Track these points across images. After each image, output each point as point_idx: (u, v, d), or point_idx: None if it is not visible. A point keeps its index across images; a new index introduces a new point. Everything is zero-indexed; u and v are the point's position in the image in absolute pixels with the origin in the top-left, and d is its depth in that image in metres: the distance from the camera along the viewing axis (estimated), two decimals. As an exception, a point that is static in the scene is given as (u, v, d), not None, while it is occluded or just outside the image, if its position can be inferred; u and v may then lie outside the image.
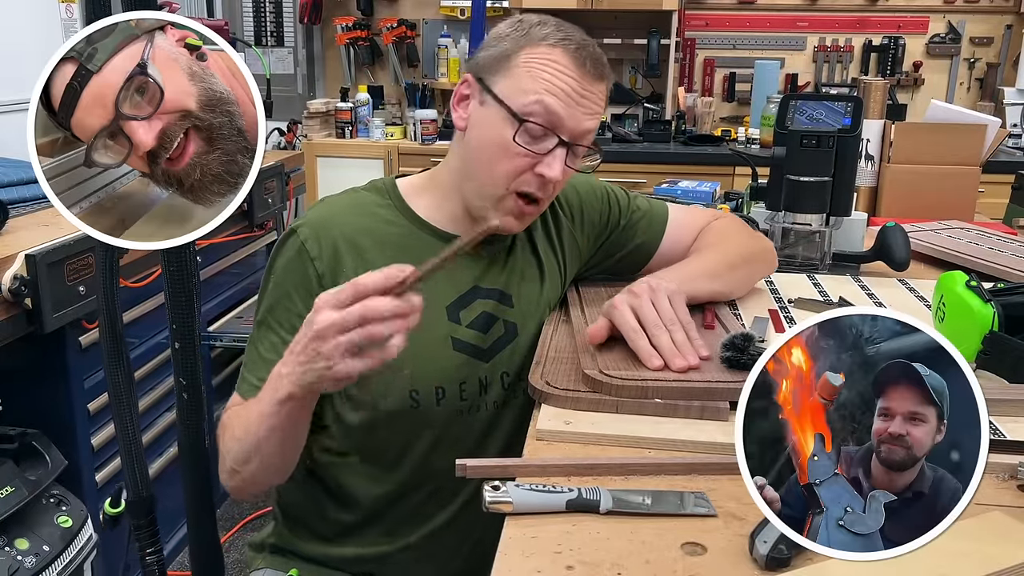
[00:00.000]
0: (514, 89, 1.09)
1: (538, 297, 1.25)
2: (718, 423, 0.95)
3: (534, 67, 1.09)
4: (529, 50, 1.09)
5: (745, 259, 1.34)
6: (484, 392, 1.18)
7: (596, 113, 1.12)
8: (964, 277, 1.09)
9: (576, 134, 1.10)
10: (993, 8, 4.16)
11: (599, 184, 1.36)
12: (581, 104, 1.09)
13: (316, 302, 0.89)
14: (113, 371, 1.16)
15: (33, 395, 1.95)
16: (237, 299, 2.95)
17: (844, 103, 1.56)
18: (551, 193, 1.15)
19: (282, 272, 1.14)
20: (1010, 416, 0.95)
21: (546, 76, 1.08)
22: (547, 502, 0.80)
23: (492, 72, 1.11)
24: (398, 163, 3.82)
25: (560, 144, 1.10)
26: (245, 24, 4.56)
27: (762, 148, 3.75)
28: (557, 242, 1.30)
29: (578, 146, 1.12)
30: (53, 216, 2.13)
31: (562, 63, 1.09)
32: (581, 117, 1.10)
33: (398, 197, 1.21)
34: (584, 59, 1.09)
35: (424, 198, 1.21)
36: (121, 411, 1.17)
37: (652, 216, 1.36)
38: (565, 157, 1.10)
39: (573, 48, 1.09)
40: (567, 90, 1.08)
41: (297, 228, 1.16)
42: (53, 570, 1.72)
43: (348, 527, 1.22)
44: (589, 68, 1.10)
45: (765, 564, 0.71)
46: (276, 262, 1.16)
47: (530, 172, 1.10)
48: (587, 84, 1.10)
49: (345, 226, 1.16)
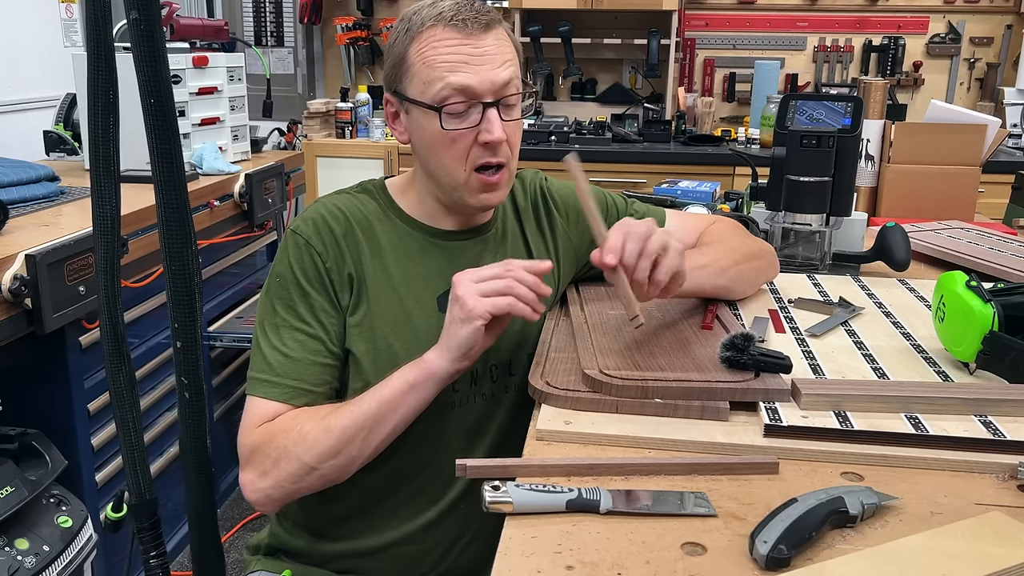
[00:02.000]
0: (421, 86, 1.12)
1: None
2: (718, 423, 0.95)
3: (426, 56, 1.11)
4: (416, 43, 1.12)
5: (748, 258, 1.34)
6: (474, 384, 1.20)
7: (504, 61, 1.13)
8: (964, 277, 1.09)
9: (496, 89, 1.12)
10: (993, 8, 4.16)
11: (597, 189, 1.37)
12: (483, 62, 1.11)
13: (454, 277, 1.04)
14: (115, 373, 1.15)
15: (33, 395, 1.95)
16: (237, 299, 2.95)
17: (844, 103, 1.56)
18: (509, 153, 1.17)
19: (293, 272, 1.17)
20: (1010, 416, 0.96)
21: (438, 58, 1.10)
22: (547, 502, 0.80)
23: (399, 81, 1.15)
24: (398, 163, 3.82)
25: (486, 107, 1.11)
26: (245, 24, 4.56)
27: (762, 148, 3.75)
28: (551, 239, 1.31)
29: (507, 97, 1.13)
30: (53, 216, 2.13)
31: (445, 37, 1.10)
32: (489, 73, 1.11)
33: (387, 196, 1.25)
34: (463, 20, 1.10)
35: (409, 196, 1.25)
36: (123, 413, 1.16)
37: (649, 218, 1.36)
38: (499, 115, 1.12)
39: (449, 17, 1.10)
40: (463, 58, 1.10)
41: (297, 229, 1.19)
42: (53, 570, 1.72)
43: (337, 520, 1.23)
44: (472, 27, 1.10)
45: (765, 564, 0.71)
46: (282, 265, 1.18)
47: (476, 145, 1.13)
48: (478, 40, 1.11)
49: (341, 223, 1.19)
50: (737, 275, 1.31)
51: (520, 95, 1.16)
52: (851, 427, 0.92)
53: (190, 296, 1.10)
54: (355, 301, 1.18)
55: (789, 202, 1.57)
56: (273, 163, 3.07)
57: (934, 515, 0.80)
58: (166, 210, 1.07)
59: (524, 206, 1.31)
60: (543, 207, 1.32)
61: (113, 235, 1.11)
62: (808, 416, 0.94)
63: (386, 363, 1.14)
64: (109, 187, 1.09)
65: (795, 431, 0.92)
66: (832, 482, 0.86)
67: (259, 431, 1.12)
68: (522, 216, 1.31)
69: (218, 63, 2.91)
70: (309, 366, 1.14)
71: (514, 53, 1.16)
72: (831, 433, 0.92)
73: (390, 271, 1.19)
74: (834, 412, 0.96)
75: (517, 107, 1.16)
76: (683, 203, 2.04)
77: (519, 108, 1.17)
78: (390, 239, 1.21)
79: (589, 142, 3.78)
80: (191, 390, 1.15)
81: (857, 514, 0.78)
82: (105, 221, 1.10)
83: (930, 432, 0.92)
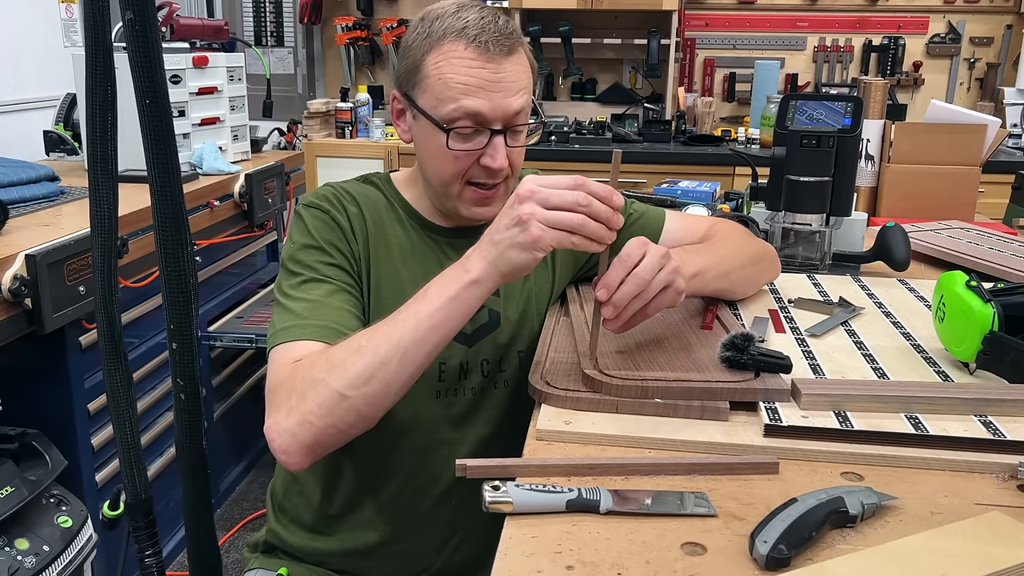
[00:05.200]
0: (433, 100, 1.10)
1: (522, 286, 1.25)
2: (718, 423, 0.95)
3: (444, 71, 1.09)
4: (434, 54, 1.09)
5: (752, 261, 1.34)
6: (463, 377, 1.20)
7: (520, 89, 1.11)
8: (964, 277, 1.09)
9: (507, 118, 1.11)
10: (993, 8, 4.16)
11: None
12: (499, 90, 1.09)
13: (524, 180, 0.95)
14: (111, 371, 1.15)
15: (33, 395, 1.95)
16: (237, 299, 2.95)
17: (844, 103, 1.55)
18: (509, 173, 1.16)
19: (313, 236, 1.14)
20: (1010, 416, 0.96)
21: (456, 78, 1.08)
22: (547, 502, 0.80)
23: (412, 86, 1.13)
24: (398, 163, 3.82)
25: (494, 133, 1.11)
26: (245, 24, 4.56)
27: (762, 148, 3.74)
28: None
29: (516, 126, 1.13)
30: (53, 216, 2.13)
31: (467, 57, 1.08)
32: (503, 101, 1.09)
33: (392, 188, 1.25)
34: (486, 42, 1.08)
35: (413, 189, 1.25)
36: (119, 412, 1.17)
37: (648, 220, 1.36)
38: (505, 141, 1.11)
39: (472, 35, 1.08)
40: (480, 83, 1.08)
41: (309, 203, 1.18)
42: (53, 570, 1.72)
43: (330, 518, 1.23)
44: (494, 50, 1.08)
45: (765, 564, 0.71)
46: (299, 233, 1.15)
47: (476, 165, 1.13)
48: (498, 66, 1.09)
49: (349, 201, 1.19)
50: (740, 279, 1.31)
51: (530, 123, 1.15)
52: (851, 427, 0.92)
53: (186, 298, 1.10)
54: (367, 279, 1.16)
55: (789, 202, 1.57)
56: (273, 163, 3.07)
57: (934, 515, 0.80)
58: (161, 211, 1.07)
59: None
60: None
61: (110, 232, 1.11)
62: (808, 416, 0.94)
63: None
64: (106, 185, 1.09)
65: (795, 431, 0.92)
66: (832, 482, 0.86)
67: (286, 369, 1.01)
68: None
69: (218, 63, 2.91)
70: (338, 311, 1.08)
71: (530, 79, 1.15)
72: (831, 433, 0.92)
73: (400, 273, 1.18)
74: (834, 412, 0.96)
75: (523, 133, 1.16)
76: (683, 203, 2.04)
77: (525, 134, 1.17)
78: (396, 235, 1.21)
79: (589, 142, 3.78)
80: (187, 391, 1.15)
81: (857, 514, 0.78)
82: (102, 218, 1.10)
83: (930, 432, 0.92)
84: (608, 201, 0.93)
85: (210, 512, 1.23)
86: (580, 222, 0.91)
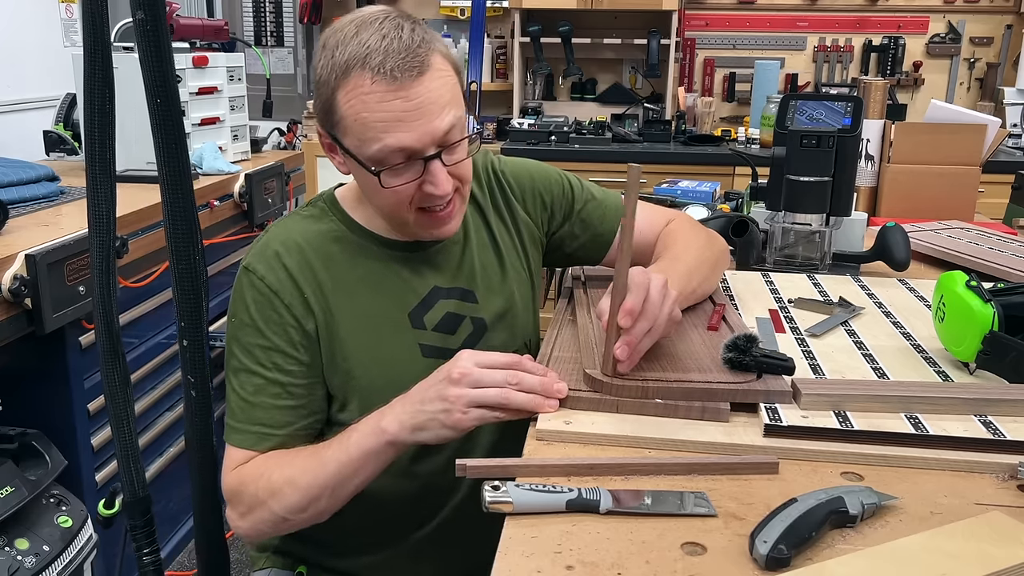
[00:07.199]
0: (356, 141, 1.04)
1: (500, 286, 1.24)
2: (718, 423, 0.95)
3: (356, 111, 1.02)
4: (343, 92, 1.02)
5: (714, 265, 1.31)
6: None
7: (443, 106, 1.03)
8: (964, 277, 1.09)
9: (436, 141, 1.04)
10: (993, 8, 4.16)
11: (553, 169, 1.33)
12: (419, 117, 1.02)
13: (460, 353, 0.98)
14: (109, 370, 1.16)
15: (33, 395, 1.95)
16: (237, 299, 2.95)
17: (844, 103, 1.55)
18: (458, 189, 1.11)
19: (250, 313, 1.12)
20: (1010, 416, 0.96)
21: (372, 117, 1.01)
22: (547, 502, 0.80)
23: (332, 126, 1.07)
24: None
25: (429, 160, 1.05)
26: (245, 24, 4.56)
27: (762, 148, 3.74)
28: (512, 227, 1.28)
29: (450, 145, 1.06)
30: (53, 216, 2.13)
31: (377, 91, 1.00)
32: (428, 127, 1.03)
33: (340, 211, 1.19)
34: (391, 70, 1.00)
35: (365, 208, 1.19)
36: (117, 411, 1.17)
37: (606, 206, 1.32)
38: (443, 163, 1.06)
39: (376, 65, 1.00)
40: (397, 116, 1.01)
41: (249, 266, 1.14)
42: (53, 570, 1.72)
43: (341, 537, 1.22)
44: (402, 76, 1.00)
45: (765, 564, 0.71)
46: (239, 305, 1.13)
47: (420, 192, 1.07)
48: (411, 92, 1.01)
49: (293, 252, 1.14)
50: (707, 290, 1.28)
51: (466, 137, 1.08)
52: (851, 427, 0.92)
53: (196, 294, 1.11)
54: (325, 333, 1.13)
55: (789, 202, 1.57)
56: (273, 163, 3.07)
57: (934, 515, 0.80)
58: (172, 208, 1.07)
59: (483, 199, 1.26)
60: (500, 194, 1.27)
61: (108, 231, 1.11)
62: (808, 416, 0.94)
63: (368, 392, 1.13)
64: (105, 184, 1.09)
65: (795, 431, 0.92)
66: (832, 482, 0.86)
67: (233, 475, 1.11)
68: (484, 210, 1.26)
69: (218, 63, 2.91)
70: (268, 410, 1.11)
71: (454, 88, 1.06)
72: (831, 433, 0.92)
73: (357, 301, 1.14)
74: (834, 412, 0.96)
75: (463, 145, 1.08)
76: (683, 203, 2.04)
77: (465, 145, 1.09)
78: (355, 267, 1.15)
79: (589, 142, 3.78)
80: (197, 387, 1.15)
81: (857, 514, 0.78)
82: (100, 216, 1.10)
83: (930, 432, 0.91)
84: (544, 378, 0.98)
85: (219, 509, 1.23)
86: (504, 400, 0.95)
